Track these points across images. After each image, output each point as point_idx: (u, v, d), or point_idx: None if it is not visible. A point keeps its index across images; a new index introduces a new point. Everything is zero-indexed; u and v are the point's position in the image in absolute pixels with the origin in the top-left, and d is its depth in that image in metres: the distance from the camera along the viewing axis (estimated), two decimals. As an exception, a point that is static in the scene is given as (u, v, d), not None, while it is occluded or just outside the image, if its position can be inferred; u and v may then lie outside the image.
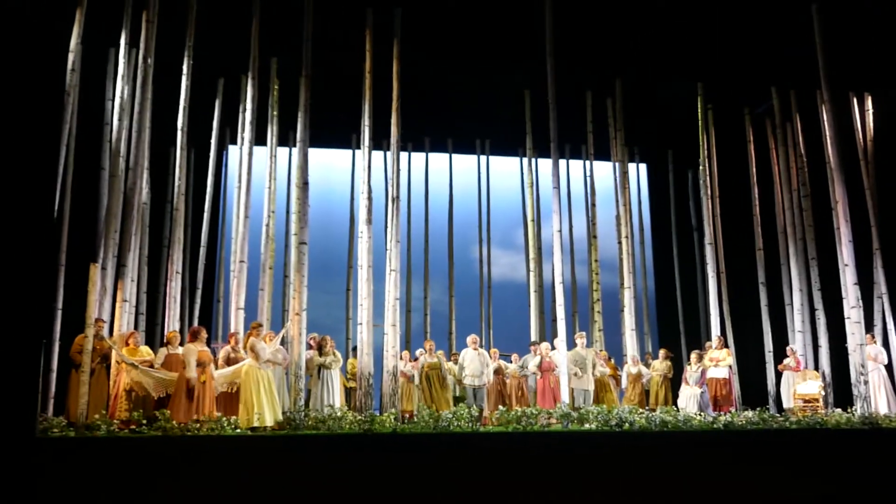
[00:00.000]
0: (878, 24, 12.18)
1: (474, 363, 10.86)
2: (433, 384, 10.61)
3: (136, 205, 10.35)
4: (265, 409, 8.75)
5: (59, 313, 10.09)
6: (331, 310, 15.04)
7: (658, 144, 16.65)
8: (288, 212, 14.06)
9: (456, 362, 12.03)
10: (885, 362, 11.27)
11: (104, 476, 7.35)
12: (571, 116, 13.22)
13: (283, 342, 9.67)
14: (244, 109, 11.63)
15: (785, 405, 11.79)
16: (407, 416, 10.41)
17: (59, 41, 9.32)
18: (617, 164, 13.69)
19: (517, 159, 16.31)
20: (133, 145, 10.49)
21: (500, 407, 9.94)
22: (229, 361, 9.22)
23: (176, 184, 11.75)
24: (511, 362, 11.69)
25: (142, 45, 10.56)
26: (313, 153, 11.01)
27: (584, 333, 11.83)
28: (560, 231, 11.14)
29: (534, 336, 12.79)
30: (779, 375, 12.45)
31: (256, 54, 11.12)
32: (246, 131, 11.26)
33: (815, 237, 12.99)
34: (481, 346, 11.49)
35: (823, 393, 11.42)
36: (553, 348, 11.14)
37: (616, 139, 13.62)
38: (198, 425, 8.20)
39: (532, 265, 13.58)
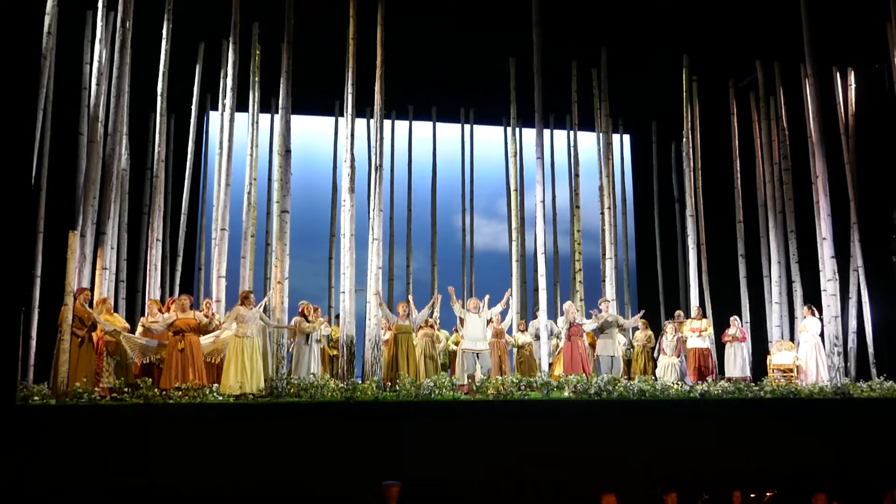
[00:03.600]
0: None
1: (476, 327, 10.28)
2: (400, 348, 10.37)
3: (115, 171, 10.24)
4: (247, 376, 8.76)
5: (38, 281, 10.02)
6: (313, 278, 15.03)
7: (642, 116, 16.65)
8: (270, 179, 13.97)
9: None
10: (818, 332, 11.44)
11: (85, 443, 7.38)
12: (556, 86, 13.19)
13: (265, 310, 9.66)
14: (225, 75, 11.48)
15: (728, 374, 11.83)
16: (388, 383, 10.37)
17: (35, 3, 9.12)
18: (601, 134, 13.68)
19: (501, 128, 16.26)
20: (112, 110, 10.34)
21: (498, 377, 9.75)
22: (201, 329, 9.14)
23: (156, 150, 11.64)
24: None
25: (120, 8, 10.36)
26: (295, 120, 10.90)
27: (609, 300, 11.82)
28: (543, 201, 11.16)
29: (516, 305, 12.84)
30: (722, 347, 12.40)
31: (237, 19, 10.92)
32: (227, 97, 11.13)
33: (794, 210, 13.10)
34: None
35: (798, 363, 11.60)
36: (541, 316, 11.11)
37: (600, 109, 13.59)
38: (179, 393, 8.22)
39: (515, 235, 13.59)
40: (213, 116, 14.24)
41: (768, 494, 7.63)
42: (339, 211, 11.70)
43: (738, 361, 11.88)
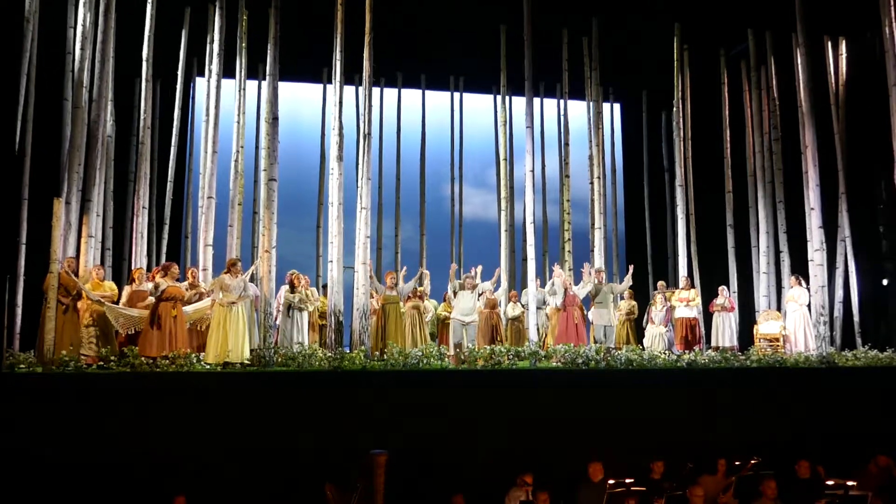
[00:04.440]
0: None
1: (467, 302, 10.29)
2: (388, 317, 10.20)
3: (100, 138, 10.10)
4: (231, 346, 8.71)
5: (23, 248, 9.92)
6: (301, 247, 14.96)
7: (633, 85, 16.54)
8: (257, 147, 13.83)
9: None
10: (805, 302, 11.54)
11: (72, 412, 7.36)
12: (547, 54, 13.04)
13: (252, 279, 9.61)
14: (212, 40, 11.29)
15: (713, 344, 11.93)
16: (377, 353, 10.35)
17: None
18: (591, 103, 13.59)
19: (491, 97, 16.13)
20: (97, 76, 10.17)
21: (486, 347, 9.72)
22: (185, 302, 9.08)
23: (141, 116, 11.47)
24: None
25: (103, -30, 10.15)
26: (283, 87, 10.76)
27: (603, 269, 11.85)
28: (532, 170, 11.11)
29: (505, 275, 12.83)
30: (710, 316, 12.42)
31: (224, -18, 10.75)
32: (213, 63, 10.96)
33: (783, 181, 13.11)
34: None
35: (785, 332, 11.71)
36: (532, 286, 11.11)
37: (591, 78, 13.50)
38: (167, 361, 8.20)
39: (504, 204, 13.56)
40: (200, 83, 14.03)
41: (752, 462, 7.71)
42: (327, 179, 11.59)
43: (725, 331, 11.97)
